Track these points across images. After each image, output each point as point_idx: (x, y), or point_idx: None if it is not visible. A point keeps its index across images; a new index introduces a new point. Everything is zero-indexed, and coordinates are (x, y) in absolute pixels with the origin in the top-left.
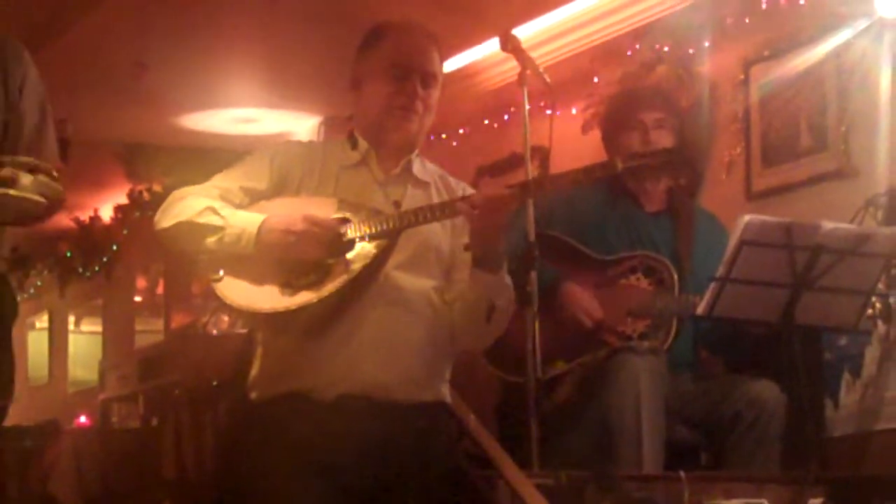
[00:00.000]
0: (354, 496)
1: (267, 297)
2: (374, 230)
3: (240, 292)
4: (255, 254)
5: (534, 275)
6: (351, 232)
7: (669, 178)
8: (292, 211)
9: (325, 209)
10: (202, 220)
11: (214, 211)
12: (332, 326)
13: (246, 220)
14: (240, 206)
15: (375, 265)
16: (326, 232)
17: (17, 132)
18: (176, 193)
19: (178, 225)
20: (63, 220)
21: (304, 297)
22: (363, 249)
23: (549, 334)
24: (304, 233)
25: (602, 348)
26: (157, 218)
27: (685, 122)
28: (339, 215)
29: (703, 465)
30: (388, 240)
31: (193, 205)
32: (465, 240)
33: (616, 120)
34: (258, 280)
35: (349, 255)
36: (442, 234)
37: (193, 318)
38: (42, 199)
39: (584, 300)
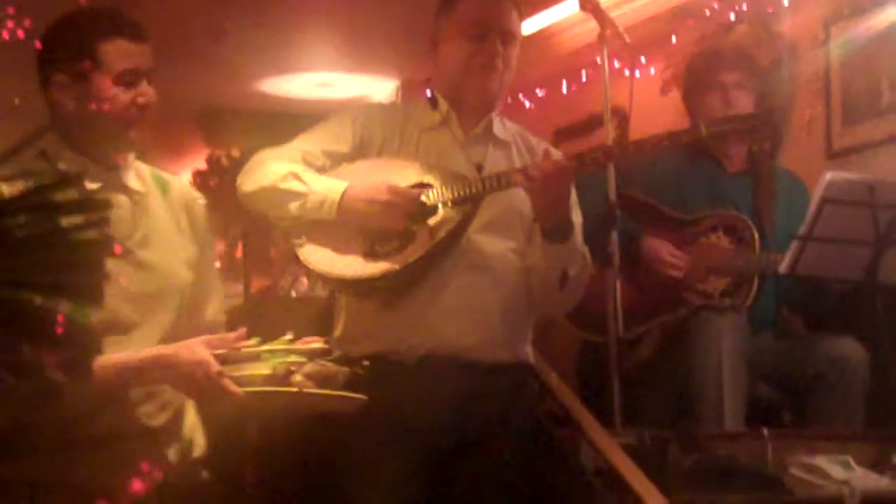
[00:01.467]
0: (436, 456)
1: (350, 264)
2: (456, 195)
3: (322, 258)
4: (337, 221)
5: (614, 235)
6: (433, 197)
7: (753, 141)
8: (374, 175)
9: (406, 173)
10: (285, 185)
11: (297, 176)
12: (414, 291)
13: (329, 187)
14: (322, 170)
15: (458, 231)
16: (409, 202)
17: None
18: (258, 156)
19: (261, 190)
20: None
21: (387, 264)
22: (446, 215)
23: (631, 293)
24: (386, 203)
25: (683, 307)
26: (239, 181)
27: (765, 83)
28: (421, 180)
29: (786, 424)
30: (470, 205)
31: (276, 169)
32: None
33: (696, 81)
34: (341, 246)
35: (431, 222)
36: (525, 197)
37: (273, 282)
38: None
39: (668, 254)
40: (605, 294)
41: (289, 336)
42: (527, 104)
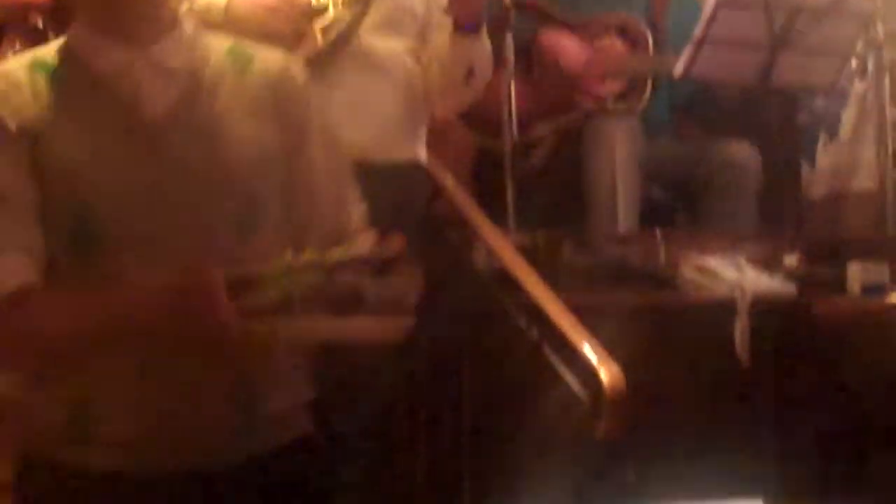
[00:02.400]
0: None
1: None
2: None
3: None
4: (224, 27)
5: (509, 37)
6: None
7: None
8: None
9: None
10: None
11: None
12: None
13: None
14: None
15: (348, 32)
16: (295, 4)
17: None
18: None
19: None
20: None
21: None
22: (336, 15)
23: (526, 95)
24: (273, 6)
25: (577, 110)
26: None
27: None
28: None
29: (679, 226)
30: (361, 4)
31: None
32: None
33: None
34: None
35: (321, 23)
36: None
37: None
38: None
39: (566, 43)
40: (500, 97)
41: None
42: None
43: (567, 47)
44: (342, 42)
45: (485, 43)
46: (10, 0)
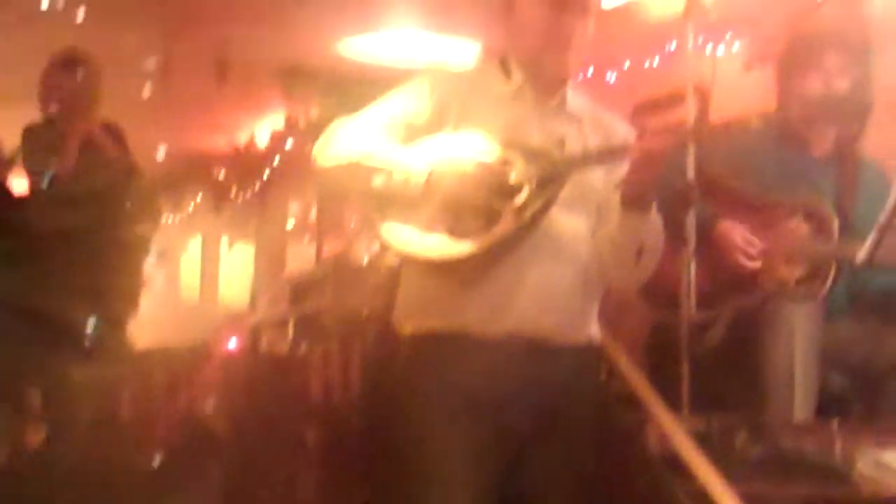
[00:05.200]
0: (503, 435)
1: (434, 243)
2: (541, 173)
3: (406, 236)
4: (421, 198)
5: (691, 215)
6: (517, 174)
7: (842, 125)
8: (457, 151)
9: (488, 148)
10: (367, 161)
11: (380, 152)
12: (495, 271)
13: (413, 164)
14: (402, 143)
15: (542, 212)
16: (494, 178)
17: None
18: (336, 126)
19: (343, 166)
20: (219, 143)
21: (472, 244)
22: (531, 193)
23: (705, 275)
24: (471, 180)
25: (758, 292)
26: (316, 152)
27: (861, 67)
28: (504, 156)
29: (857, 416)
30: (556, 184)
31: (357, 143)
32: (616, 177)
33: (795, 60)
34: (424, 223)
35: (517, 201)
36: (596, 172)
37: (346, 246)
38: None
39: (742, 239)
40: (679, 273)
41: None
42: (609, 77)
43: (741, 244)
44: (535, 224)
45: (655, 221)
46: (196, 152)
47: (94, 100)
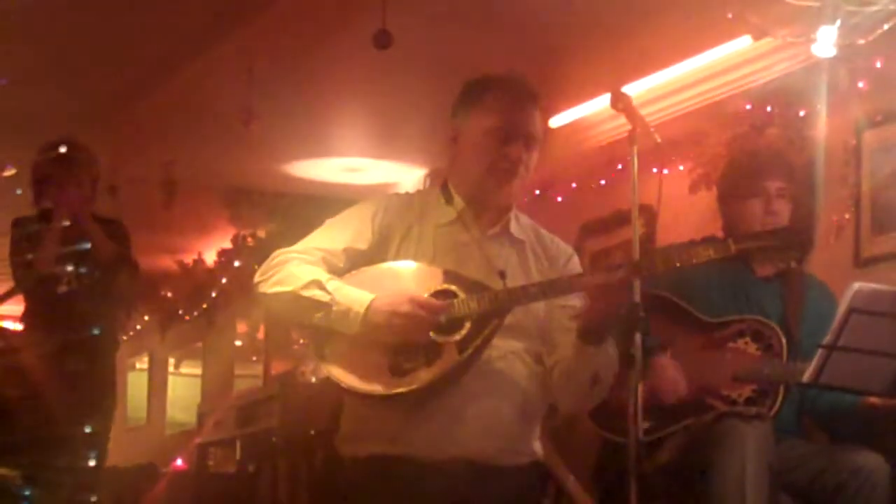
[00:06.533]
0: None
1: (375, 378)
2: (482, 308)
3: (347, 370)
4: (360, 333)
5: (638, 336)
6: (458, 309)
7: (782, 258)
8: (396, 283)
9: (429, 281)
10: (307, 293)
11: (320, 285)
12: (436, 400)
13: (353, 299)
14: (342, 271)
15: (483, 347)
16: (433, 315)
17: None
18: (278, 255)
19: (283, 295)
20: (166, 262)
21: (414, 381)
22: (472, 328)
23: (654, 395)
24: (410, 315)
25: (707, 412)
26: (257, 279)
27: (801, 190)
28: (444, 287)
29: None
30: (496, 319)
31: (298, 274)
32: (565, 303)
33: (736, 184)
34: (366, 359)
35: (458, 335)
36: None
37: (293, 365)
38: None
39: (669, 377)
40: (627, 394)
41: None
42: (555, 198)
43: (667, 385)
44: (476, 356)
45: (610, 351)
46: (142, 272)
47: (88, 194)
